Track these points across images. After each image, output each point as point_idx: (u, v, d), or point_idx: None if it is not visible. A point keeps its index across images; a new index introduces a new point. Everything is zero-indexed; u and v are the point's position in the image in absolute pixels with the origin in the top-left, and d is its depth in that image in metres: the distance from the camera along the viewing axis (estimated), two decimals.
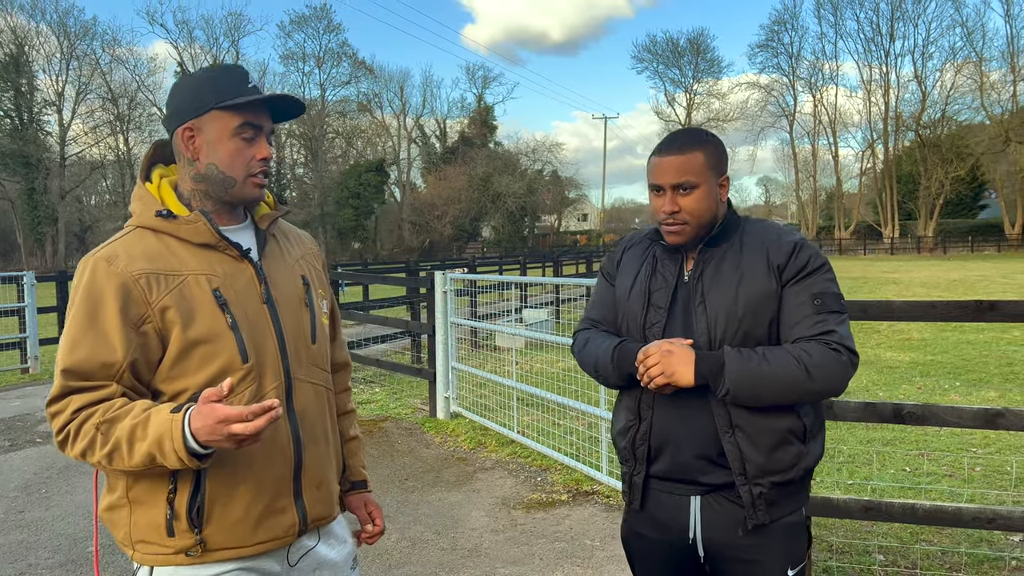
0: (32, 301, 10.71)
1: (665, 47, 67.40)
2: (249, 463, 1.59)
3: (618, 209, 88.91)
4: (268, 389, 1.63)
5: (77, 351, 1.52)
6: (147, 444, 1.46)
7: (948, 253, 51.16)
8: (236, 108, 1.61)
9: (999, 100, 54.64)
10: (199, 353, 1.56)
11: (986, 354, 10.25)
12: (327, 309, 1.86)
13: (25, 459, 6.20)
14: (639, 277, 1.97)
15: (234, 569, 1.61)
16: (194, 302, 1.57)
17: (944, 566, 3.78)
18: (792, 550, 1.86)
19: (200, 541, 1.56)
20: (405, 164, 66.35)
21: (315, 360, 1.75)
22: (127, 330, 1.53)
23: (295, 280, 1.76)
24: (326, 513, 1.76)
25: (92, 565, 4.14)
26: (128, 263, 1.56)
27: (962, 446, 5.86)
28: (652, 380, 1.77)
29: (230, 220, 1.70)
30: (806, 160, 65.94)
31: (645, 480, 1.95)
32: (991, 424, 3.09)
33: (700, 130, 1.95)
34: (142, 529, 1.58)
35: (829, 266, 1.86)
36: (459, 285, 7.74)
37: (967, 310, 3.07)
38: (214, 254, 1.63)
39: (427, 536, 4.46)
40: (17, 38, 49.12)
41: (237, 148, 1.62)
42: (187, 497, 1.55)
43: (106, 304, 1.53)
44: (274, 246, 1.77)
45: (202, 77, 1.65)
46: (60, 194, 50.62)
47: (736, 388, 1.74)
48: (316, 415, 1.73)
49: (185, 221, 1.61)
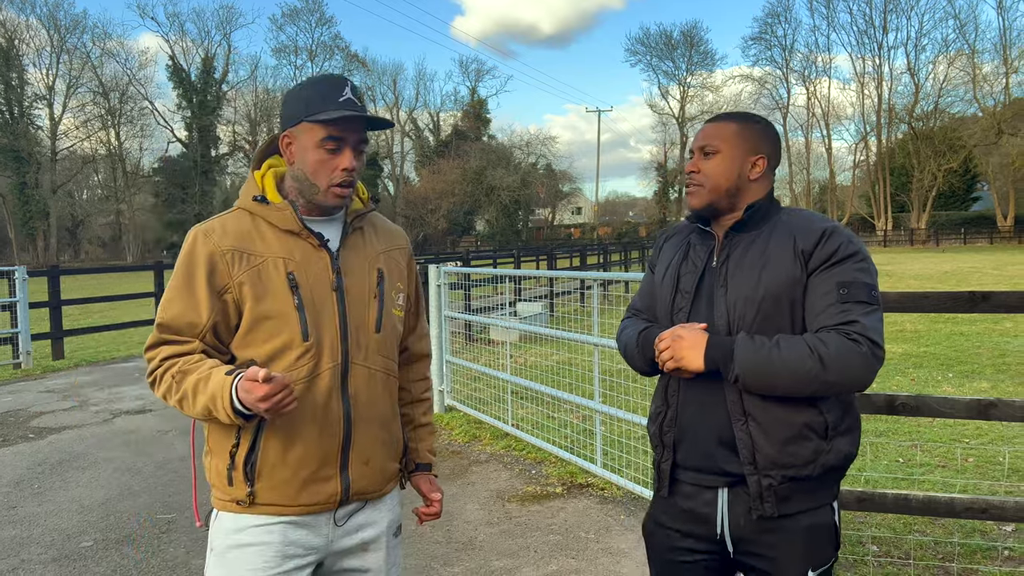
0: (24, 296, 10.66)
1: (658, 40, 67.45)
2: (300, 433, 1.75)
3: (612, 202, 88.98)
4: (324, 368, 1.77)
5: (171, 308, 1.75)
6: (205, 398, 1.66)
7: (941, 245, 51.34)
8: (324, 122, 1.75)
9: (992, 92, 54.87)
10: (267, 327, 1.74)
11: (979, 345, 10.29)
12: (402, 302, 1.98)
13: (17, 455, 6.17)
14: (672, 262, 1.97)
15: (280, 523, 1.77)
16: (269, 282, 1.75)
17: (937, 556, 3.80)
18: (816, 551, 1.81)
19: (250, 494, 1.75)
20: (399, 158, 66.29)
21: (378, 348, 1.87)
22: (212, 296, 1.73)
23: (370, 272, 1.88)
24: (372, 488, 1.88)
25: (85, 561, 4.13)
26: (221, 238, 1.76)
27: (955, 437, 5.89)
28: (664, 364, 1.79)
29: (322, 212, 1.84)
30: (799, 153, 66.08)
31: (673, 468, 1.92)
32: (984, 415, 3.10)
33: (754, 114, 1.97)
34: (214, 475, 1.81)
35: (864, 255, 1.77)
36: (453, 278, 7.73)
37: (960, 301, 3.07)
38: (296, 240, 1.79)
39: (421, 529, 4.46)
40: (7, 32, 48.84)
41: (321, 159, 1.77)
42: (245, 453, 1.74)
43: (198, 271, 1.74)
44: (357, 239, 1.90)
45: (303, 88, 1.81)
46: (51, 188, 50.39)
47: (746, 374, 1.71)
48: (370, 398, 1.85)
49: (275, 208, 1.79)
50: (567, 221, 75.32)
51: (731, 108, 64.53)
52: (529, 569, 3.93)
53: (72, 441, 6.56)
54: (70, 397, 8.46)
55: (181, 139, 56.61)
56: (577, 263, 23.81)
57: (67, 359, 11.16)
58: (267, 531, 1.76)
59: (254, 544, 1.76)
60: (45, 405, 8.07)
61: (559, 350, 8.71)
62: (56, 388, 9.04)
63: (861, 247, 1.78)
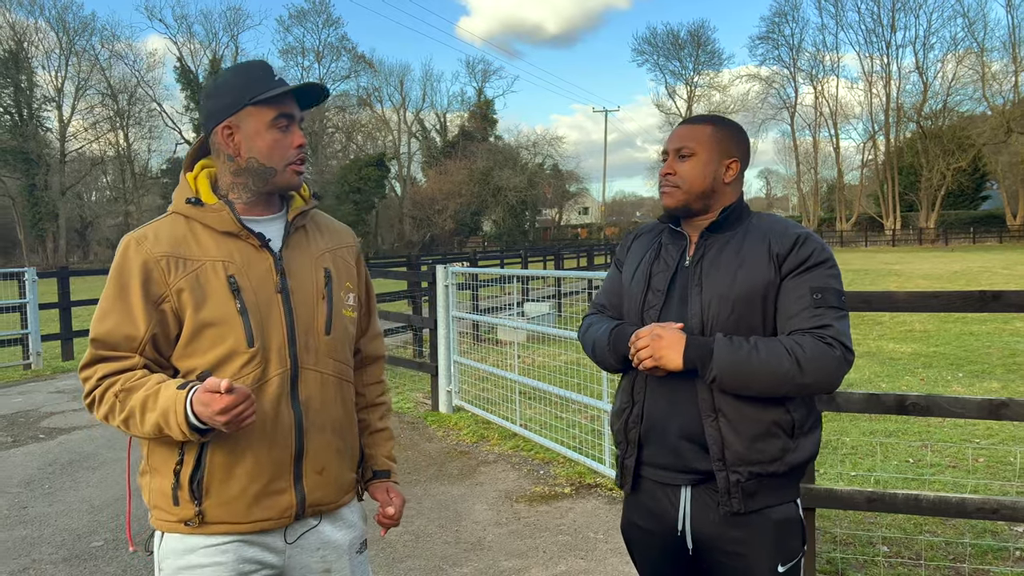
0: (33, 297, 10.71)
1: (665, 39, 67.41)
2: (249, 444, 1.66)
3: (619, 202, 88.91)
4: (272, 375, 1.69)
5: (105, 322, 1.65)
6: (155, 415, 1.58)
7: (950, 244, 51.09)
8: (269, 102, 1.69)
9: (1001, 91, 54.58)
10: (209, 334, 1.66)
11: (989, 345, 10.24)
12: (353, 302, 1.89)
13: (28, 455, 6.20)
14: (643, 261, 1.99)
15: (233, 541, 1.69)
16: (208, 287, 1.66)
17: (948, 557, 3.78)
18: (783, 546, 1.84)
19: (199, 513, 1.66)
20: (405, 158, 66.32)
21: (329, 351, 1.78)
22: (148, 307, 1.65)
23: (316, 272, 1.80)
24: (328, 499, 1.79)
25: (96, 561, 4.15)
26: (154, 245, 1.67)
27: (965, 437, 5.86)
28: (641, 363, 1.79)
29: (263, 211, 1.78)
30: (807, 152, 65.90)
31: (637, 464, 1.96)
32: (995, 415, 3.08)
33: (726, 118, 1.99)
34: (155, 495, 1.71)
35: (833, 262, 1.84)
36: (460, 279, 7.73)
37: (971, 301, 3.06)
38: (235, 242, 1.71)
39: (430, 529, 4.46)
40: (16, 34, 49.07)
41: (275, 139, 1.70)
42: (191, 470, 1.65)
43: (132, 281, 1.65)
44: (300, 238, 1.81)
45: (231, 77, 1.74)
46: (60, 190, 50.61)
47: (724, 375, 1.73)
48: (323, 404, 1.77)
49: (211, 209, 1.71)
50: (574, 221, 75.24)
51: (739, 108, 64.57)
52: (538, 569, 3.93)
53: (82, 441, 6.59)
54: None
55: (189, 141, 56.74)
56: (584, 263, 23.79)
57: (76, 360, 11.20)
58: (220, 551, 1.68)
59: (206, 565, 1.67)
60: (55, 406, 8.11)
61: (567, 350, 8.70)
62: (66, 389, 9.08)
63: (831, 254, 1.85)
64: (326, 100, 1.82)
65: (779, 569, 1.83)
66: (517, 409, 6.57)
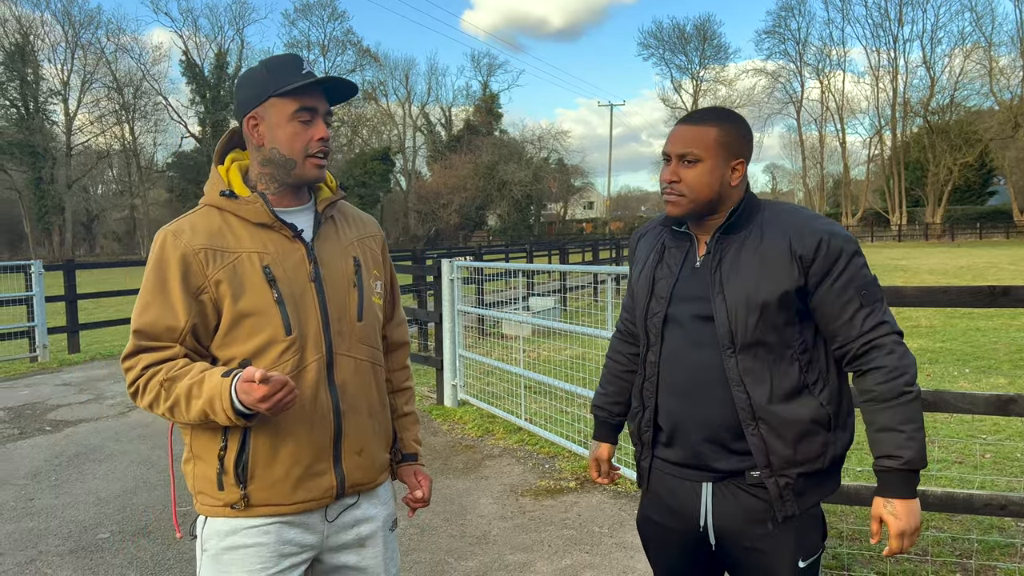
0: (40, 290, 10.74)
1: (671, 33, 67.18)
2: (291, 429, 1.73)
3: (624, 197, 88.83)
4: (310, 361, 1.75)
5: (146, 314, 1.70)
6: (201, 402, 1.63)
7: (956, 240, 50.91)
8: (291, 93, 1.72)
9: (1008, 85, 54.31)
10: (247, 324, 1.71)
11: (995, 341, 10.20)
12: (380, 290, 1.95)
13: (34, 447, 6.23)
14: (647, 264, 1.97)
15: (275, 523, 1.75)
16: (245, 278, 1.71)
17: (954, 553, 3.77)
18: (805, 541, 1.83)
19: (244, 496, 1.72)
20: (410, 152, 66.31)
21: (361, 337, 1.85)
22: (188, 298, 1.70)
23: (346, 261, 1.86)
24: (366, 479, 1.86)
25: (102, 553, 4.16)
26: (191, 238, 1.72)
27: (972, 433, 5.84)
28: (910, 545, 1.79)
29: (292, 202, 1.82)
30: (813, 147, 65.70)
31: (651, 464, 1.97)
32: (1003, 410, 3.07)
33: (728, 110, 1.90)
34: (200, 481, 1.76)
35: (861, 250, 1.81)
36: (465, 273, 7.73)
37: (980, 296, 3.04)
38: (269, 233, 1.76)
39: (436, 523, 4.47)
40: (22, 28, 49.18)
41: (295, 131, 1.74)
42: (235, 455, 1.71)
43: (171, 274, 1.70)
44: (330, 228, 1.87)
45: (259, 69, 1.78)
46: (67, 183, 50.74)
47: (924, 460, 1.75)
48: (358, 388, 1.83)
49: (245, 201, 1.76)
50: (579, 216, 75.16)
51: (745, 102, 64.31)
52: (543, 563, 3.93)
53: (88, 434, 6.61)
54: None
55: (195, 134, 56.86)
56: (589, 258, 23.77)
57: (83, 353, 11.25)
58: (263, 532, 1.74)
59: (249, 545, 1.73)
60: (62, 398, 8.14)
61: (572, 344, 8.69)
62: (72, 381, 9.11)
63: (857, 244, 1.81)
64: (354, 95, 1.85)
65: (800, 564, 1.83)
66: (522, 403, 6.57)
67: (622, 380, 2.11)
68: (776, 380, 1.78)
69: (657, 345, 1.89)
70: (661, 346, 1.89)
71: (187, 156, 55.65)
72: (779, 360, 1.78)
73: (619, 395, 2.12)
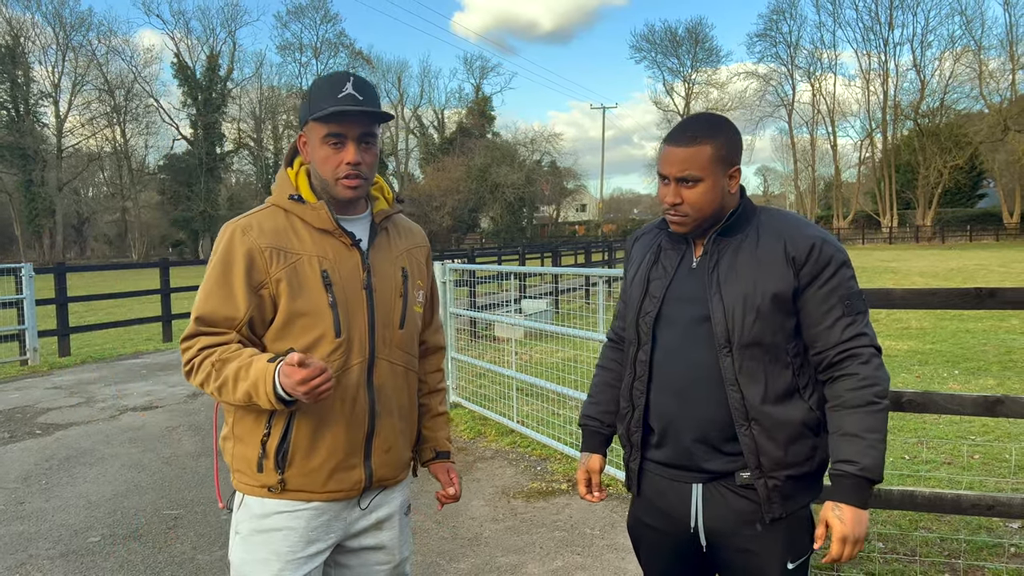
0: (30, 293, 10.69)
1: (663, 36, 67.28)
2: (331, 424, 1.83)
3: (616, 199, 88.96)
4: (354, 363, 1.84)
5: (209, 302, 1.79)
6: (247, 384, 1.71)
7: (947, 242, 51.15)
8: (323, 119, 1.80)
9: (998, 89, 54.52)
10: (301, 323, 1.81)
11: (984, 343, 10.26)
12: (422, 299, 2.06)
13: (24, 450, 6.20)
14: (642, 265, 1.99)
15: (306, 509, 1.85)
16: (304, 279, 1.81)
17: (943, 553, 3.79)
18: (794, 543, 1.84)
19: (281, 481, 1.82)
20: (403, 155, 66.25)
21: (400, 344, 1.95)
22: (249, 292, 1.79)
23: (396, 271, 1.95)
24: (391, 475, 1.98)
25: (93, 556, 4.15)
26: (259, 236, 1.81)
27: (961, 434, 5.87)
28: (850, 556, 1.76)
29: (351, 210, 1.92)
30: (804, 149, 65.86)
31: (641, 466, 1.98)
32: (991, 412, 3.09)
33: (716, 118, 1.90)
34: (239, 460, 1.86)
35: (850, 262, 1.84)
36: (458, 275, 7.74)
37: (967, 298, 3.06)
38: (329, 239, 1.86)
39: (427, 525, 4.47)
40: (12, 29, 48.92)
41: (326, 155, 1.82)
42: (277, 442, 1.81)
43: (236, 267, 1.79)
44: (383, 238, 1.96)
45: (311, 89, 1.87)
46: (57, 186, 50.50)
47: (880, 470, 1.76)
48: (393, 390, 1.93)
49: (311, 207, 1.85)
50: (572, 218, 75.21)
51: (736, 105, 64.48)
52: (535, 565, 3.94)
53: (79, 437, 6.59)
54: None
55: (186, 136, 56.65)
56: (582, 260, 23.80)
57: (73, 356, 11.20)
58: (294, 517, 1.84)
59: (280, 529, 1.84)
60: (52, 401, 8.10)
61: (564, 347, 8.71)
62: (63, 384, 9.07)
63: (847, 255, 1.85)
64: (390, 119, 1.91)
65: (789, 566, 1.84)
66: (514, 405, 6.57)
67: (615, 389, 2.09)
68: (770, 381, 1.79)
69: (648, 344, 1.91)
70: (653, 345, 1.90)
71: (178, 159, 55.41)
72: (774, 361, 1.80)
73: (612, 404, 2.09)
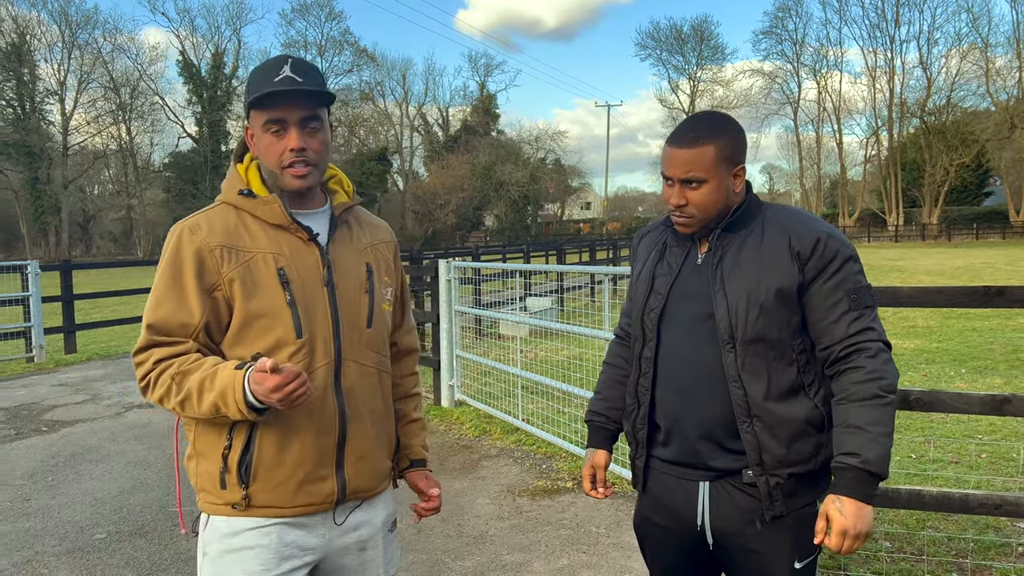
0: (36, 290, 10.72)
1: (668, 34, 67.21)
2: (297, 432, 1.71)
3: (621, 197, 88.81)
4: (318, 365, 1.73)
5: (160, 309, 1.68)
6: (213, 395, 1.61)
7: (953, 240, 50.98)
8: (260, 105, 1.69)
9: (1005, 86, 54.35)
10: (259, 324, 1.70)
11: (992, 341, 10.22)
12: (391, 296, 1.94)
13: (31, 447, 6.22)
14: (648, 262, 1.98)
15: (276, 524, 1.73)
16: (259, 278, 1.70)
17: (951, 552, 3.78)
18: (801, 542, 1.83)
19: (245, 497, 1.70)
20: (408, 153, 66.29)
21: (370, 343, 1.83)
22: (202, 295, 1.68)
23: (359, 267, 1.84)
24: (367, 486, 1.84)
25: (99, 553, 4.16)
26: (208, 234, 1.70)
27: (968, 433, 5.85)
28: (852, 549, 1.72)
29: (308, 204, 1.81)
30: (810, 147, 65.74)
31: (647, 463, 1.97)
32: (998, 410, 3.07)
33: (718, 117, 1.87)
34: (203, 479, 1.75)
35: (857, 256, 1.82)
36: (463, 273, 7.73)
37: (975, 296, 3.04)
38: (285, 235, 1.75)
39: (433, 523, 4.47)
40: (18, 27, 49.06)
41: (268, 143, 1.72)
42: (239, 455, 1.69)
43: (186, 269, 1.68)
44: (344, 232, 1.85)
45: (249, 76, 1.76)
46: (63, 184, 50.63)
47: (885, 464, 1.73)
48: (364, 394, 1.81)
49: (262, 202, 1.74)
50: (576, 216, 75.21)
51: (742, 103, 64.32)
52: (540, 563, 3.93)
53: (85, 434, 6.60)
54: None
55: (191, 134, 56.75)
56: (587, 258, 23.77)
57: (79, 353, 11.22)
58: (263, 533, 1.72)
59: (250, 547, 1.72)
60: (58, 399, 8.13)
61: (569, 345, 8.70)
62: (69, 382, 9.10)
63: (854, 250, 1.83)
64: (332, 101, 1.78)
65: (796, 566, 1.83)
66: (519, 403, 6.57)
67: (622, 386, 2.08)
68: (774, 378, 1.78)
69: (653, 341, 1.90)
70: (657, 342, 1.90)
71: (184, 156, 55.47)
72: (778, 358, 1.79)
73: (618, 400, 2.08)
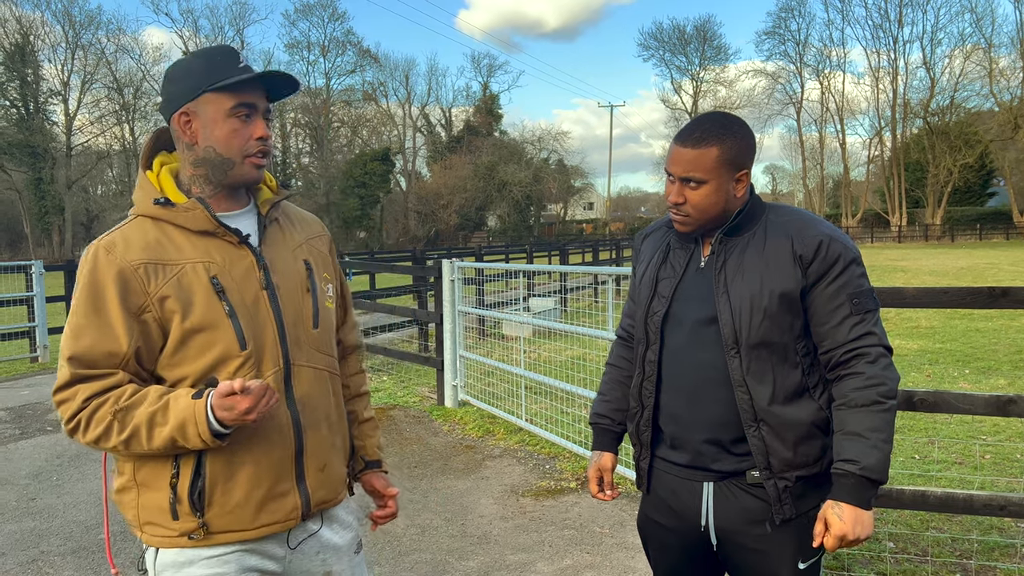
0: (40, 290, 10.74)
1: (671, 34, 67.22)
2: (249, 447, 1.60)
3: (624, 198, 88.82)
4: (267, 375, 1.63)
5: (82, 339, 1.54)
6: (168, 429, 1.50)
7: (956, 241, 50.92)
8: (228, 89, 1.60)
9: (1008, 87, 54.27)
10: (198, 341, 1.57)
11: (995, 342, 10.21)
12: (332, 293, 1.84)
13: (36, 447, 6.23)
14: (651, 264, 1.98)
15: (236, 551, 1.63)
16: (192, 291, 1.57)
17: (955, 553, 3.78)
18: (805, 543, 1.83)
19: (202, 525, 1.58)
20: (410, 153, 66.27)
21: (317, 345, 1.74)
22: (129, 319, 1.54)
23: (297, 265, 1.74)
24: (330, 496, 1.76)
25: (105, 552, 4.16)
26: (126, 252, 1.56)
27: (972, 434, 5.85)
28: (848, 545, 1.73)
29: (231, 205, 1.69)
30: (813, 148, 65.70)
31: (651, 464, 1.97)
32: (1003, 411, 3.07)
33: (727, 120, 1.84)
34: (149, 511, 1.61)
35: (860, 258, 1.81)
36: (466, 274, 7.74)
37: (980, 296, 3.04)
38: (213, 241, 1.62)
39: (436, 523, 4.48)
40: (22, 28, 49.12)
41: (233, 129, 1.61)
42: (188, 481, 1.57)
43: (107, 292, 1.54)
44: (276, 231, 1.75)
45: (193, 61, 1.64)
46: (66, 184, 50.70)
47: (885, 470, 1.72)
48: (317, 399, 1.73)
49: (183, 209, 1.61)
50: (579, 216, 75.14)
51: (745, 103, 64.26)
52: (544, 564, 3.94)
53: None
54: None
55: None
56: (589, 258, 23.78)
57: None
58: (222, 561, 1.61)
59: None
60: None
61: (572, 345, 8.70)
62: None
63: (858, 252, 1.81)
64: (295, 92, 1.72)
65: (800, 566, 1.83)
66: (523, 404, 6.57)
67: (625, 387, 2.07)
68: (779, 381, 1.78)
69: (657, 344, 1.90)
70: (661, 345, 1.90)
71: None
72: (782, 362, 1.79)
73: (623, 401, 2.08)
